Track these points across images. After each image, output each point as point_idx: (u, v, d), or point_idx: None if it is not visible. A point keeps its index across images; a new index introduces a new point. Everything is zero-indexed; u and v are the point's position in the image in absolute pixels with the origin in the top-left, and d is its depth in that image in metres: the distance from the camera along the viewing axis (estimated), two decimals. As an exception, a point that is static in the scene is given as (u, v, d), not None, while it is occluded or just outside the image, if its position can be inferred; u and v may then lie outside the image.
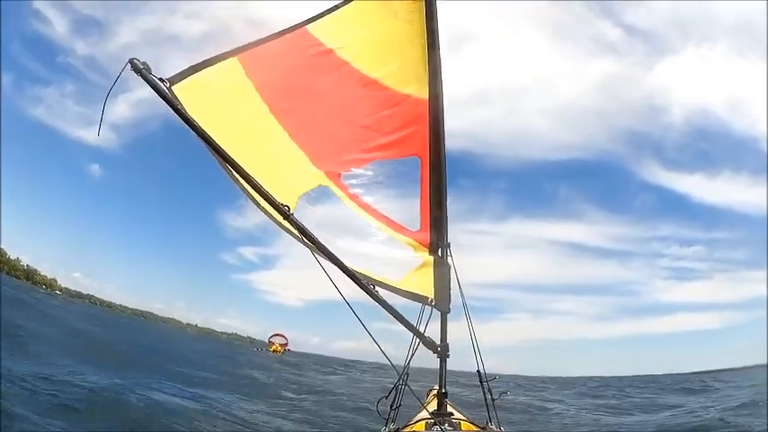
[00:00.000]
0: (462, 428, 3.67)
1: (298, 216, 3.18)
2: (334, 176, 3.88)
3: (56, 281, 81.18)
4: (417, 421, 3.82)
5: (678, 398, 16.85)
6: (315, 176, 3.82)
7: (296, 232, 3.25)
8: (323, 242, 3.28)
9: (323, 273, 3.28)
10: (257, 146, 3.65)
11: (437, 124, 3.95)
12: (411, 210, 4.07)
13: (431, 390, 4.66)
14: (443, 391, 3.84)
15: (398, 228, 4.00)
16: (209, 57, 3.50)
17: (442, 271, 3.93)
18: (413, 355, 3.90)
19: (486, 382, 3.94)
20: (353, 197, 3.93)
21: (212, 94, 3.42)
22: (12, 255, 74.55)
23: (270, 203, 3.07)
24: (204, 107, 3.26)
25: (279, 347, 47.38)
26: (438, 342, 3.90)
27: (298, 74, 3.92)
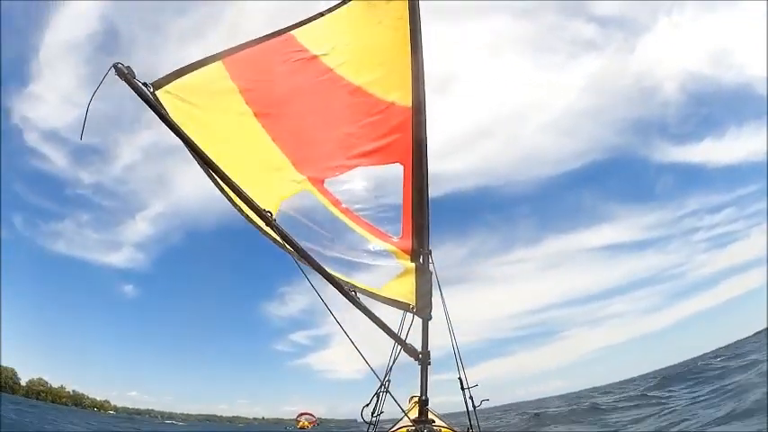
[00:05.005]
0: None
1: (280, 221, 3.17)
2: (317, 182, 3.88)
3: (108, 402, 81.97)
4: (398, 429, 3.80)
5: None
6: (298, 182, 3.82)
7: (278, 238, 3.24)
8: (305, 249, 3.28)
9: (369, 337, 3.37)
10: (240, 150, 3.64)
11: (420, 132, 3.98)
12: (393, 217, 4.08)
13: (412, 397, 4.65)
14: (424, 398, 3.84)
15: (380, 234, 4.00)
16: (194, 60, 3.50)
17: (423, 278, 3.93)
18: (394, 361, 3.89)
19: (468, 389, 3.94)
20: (336, 203, 3.93)
21: (196, 98, 3.40)
22: (54, 384, 75.57)
23: (252, 209, 3.05)
24: (188, 111, 3.25)
25: (306, 423, 49.40)
26: (419, 349, 3.90)
27: (283, 79, 3.92)
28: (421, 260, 3.99)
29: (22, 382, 70.36)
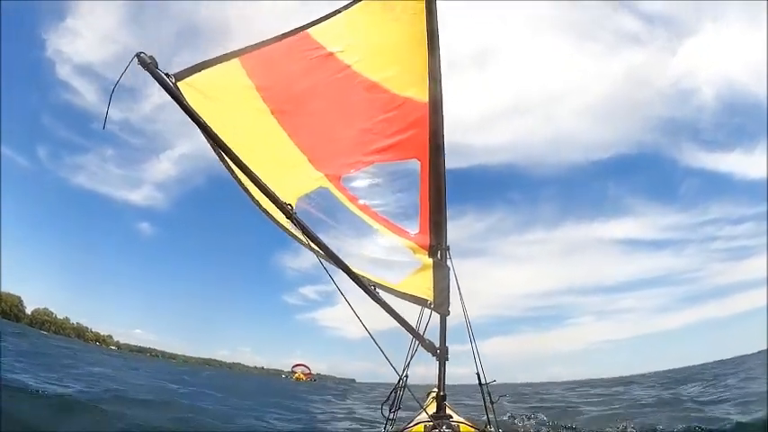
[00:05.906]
0: (461, 431, 3.65)
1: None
2: (334, 179, 3.89)
3: (111, 337, 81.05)
4: (416, 424, 3.79)
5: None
6: (315, 178, 3.83)
7: (298, 233, 3.24)
8: (325, 243, 3.28)
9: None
10: (257, 146, 3.65)
11: (436, 127, 3.97)
12: (410, 213, 4.08)
13: (430, 392, 4.64)
14: (442, 393, 3.82)
15: (398, 230, 4.00)
16: (212, 57, 3.54)
17: (441, 273, 3.93)
18: (412, 356, 3.89)
19: (486, 385, 3.93)
20: (353, 199, 3.94)
21: (215, 93, 3.43)
22: (60, 315, 75.20)
23: (273, 202, 3.06)
24: (207, 104, 3.27)
25: (301, 375, 50.13)
26: (437, 344, 3.89)
27: (299, 76, 3.94)
28: (439, 256, 3.99)
29: (27, 311, 69.91)
